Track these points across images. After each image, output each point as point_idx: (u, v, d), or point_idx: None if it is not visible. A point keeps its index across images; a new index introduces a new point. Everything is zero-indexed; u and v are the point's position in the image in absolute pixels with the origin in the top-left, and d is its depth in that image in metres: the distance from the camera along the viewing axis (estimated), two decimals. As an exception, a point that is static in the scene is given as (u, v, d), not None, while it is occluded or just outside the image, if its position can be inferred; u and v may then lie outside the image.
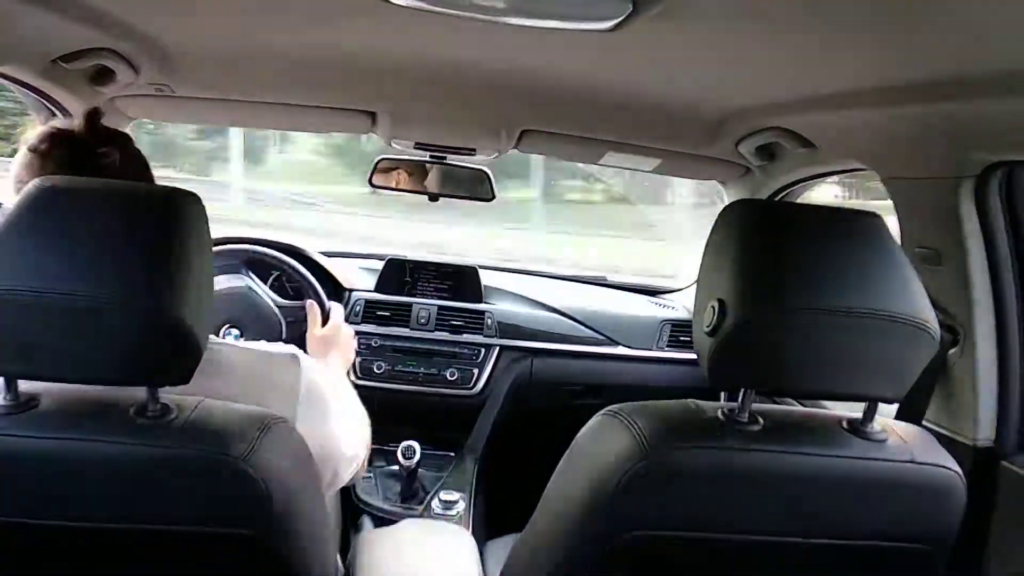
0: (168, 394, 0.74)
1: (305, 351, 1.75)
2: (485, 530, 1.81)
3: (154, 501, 0.72)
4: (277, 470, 0.75)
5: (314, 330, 1.44)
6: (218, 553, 0.75)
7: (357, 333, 2.08)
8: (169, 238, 0.71)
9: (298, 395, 0.90)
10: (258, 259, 1.97)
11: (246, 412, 0.77)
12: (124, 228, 0.69)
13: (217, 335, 1.68)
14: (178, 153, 4.81)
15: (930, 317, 0.79)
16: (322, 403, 0.95)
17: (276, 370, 0.91)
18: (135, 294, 0.67)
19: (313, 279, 1.91)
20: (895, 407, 1.17)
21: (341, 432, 0.98)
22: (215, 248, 1.90)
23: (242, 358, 0.91)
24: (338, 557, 0.97)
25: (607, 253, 4.41)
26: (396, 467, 1.87)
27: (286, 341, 1.72)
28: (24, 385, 0.73)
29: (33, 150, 0.87)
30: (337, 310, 1.50)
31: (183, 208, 0.73)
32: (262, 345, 0.96)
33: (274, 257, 1.93)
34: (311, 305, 1.50)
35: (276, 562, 0.78)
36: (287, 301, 1.94)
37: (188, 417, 0.74)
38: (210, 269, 0.77)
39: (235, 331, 1.73)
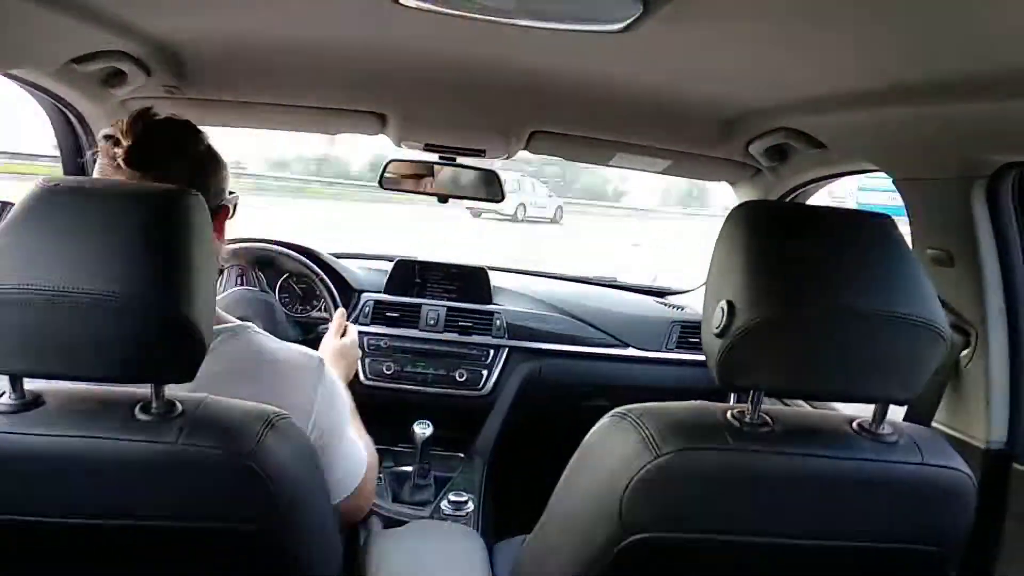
0: (172, 391, 0.74)
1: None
2: (494, 531, 1.81)
3: (159, 498, 0.73)
4: (281, 466, 0.75)
5: (333, 339, 1.45)
6: (223, 549, 0.76)
7: (366, 334, 2.10)
8: (172, 236, 0.71)
9: (317, 390, 0.95)
10: (269, 258, 1.98)
11: (250, 408, 0.78)
12: (127, 227, 0.70)
13: None
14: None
15: (941, 318, 0.79)
16: (334, 402, 0.99)
17: (301, 362, 0.96)
18: (139, 292, 0.68)
19: (326, 278, 1.91)
20: (905, 409, 1.17)
21: (341, 440, 1.02)
22: (228, 247, 1.93)
23: (274, 345, 0.96)
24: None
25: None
26: (407, 467, 1.88)
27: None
28: (29, 384, 0.73)
29: None
30: (352, 329, 1.52)
31: (185, 206, 0.74)
32: (295, 345, 1.01)
33: (285, 257, 1.94)
34: (340, 313, 1.52)
35: (281, 557, 0.78)
36: (299, 315, 1.96)
37: (193, 414, 0.74)
38: (213, 266, 0.78)
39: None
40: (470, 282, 2.23)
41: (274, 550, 0.77)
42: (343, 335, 1.46)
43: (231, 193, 1.04)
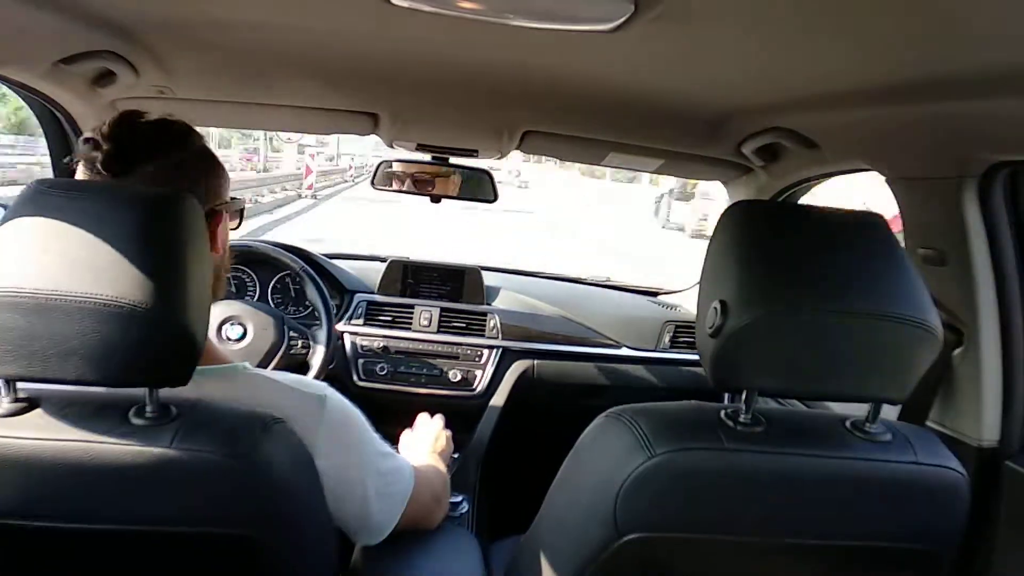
0: (167, 395, 0.74)
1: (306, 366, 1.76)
2: (489, 532, 1.81)
3: (154, 502, 0.72)
4: (276, 470, 0.75)
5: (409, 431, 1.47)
6: (218, 554, 0.75)
7: (359, 335, 2.09)
8: (167, 239, 0.71)
9: (318, 432, 0.86)
10: (263, 259, 1.97)
11: (245, 413, 0.77)
12: (123, 230, 0.69)
13: (219, 331, 1.70)
14: None
15: (933, 317, 0.79)
16: (345, 439, 0.92)
17: (298, 406, 0.87)
18: (130, 295, 0.67)
19: (319, 279, 1.91)
20: (898, 408, 1.17)
21: (364, 476, 0.94)
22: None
23: (269, 388, 0.89)
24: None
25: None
26: None
27: (286, 350, 1.73)
28: (23, 387, 0.73)
29: None
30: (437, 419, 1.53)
31: (181, 209, 0.73)
32: (295, 379, 0.92)
33: (278, 257, 1.94)
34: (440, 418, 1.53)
35: (276, 563, 0.77)
36: (292, 316, 1.95)
37: (188, 418, 0.74)
38: (208, 269, 0.77)
39: (239, 329, 1.73)
40: (463, 283, 2.23)
41: (269, 555, 0.76)
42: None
43: (233, 199, 1.00)
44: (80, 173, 0.87)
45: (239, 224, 1.04)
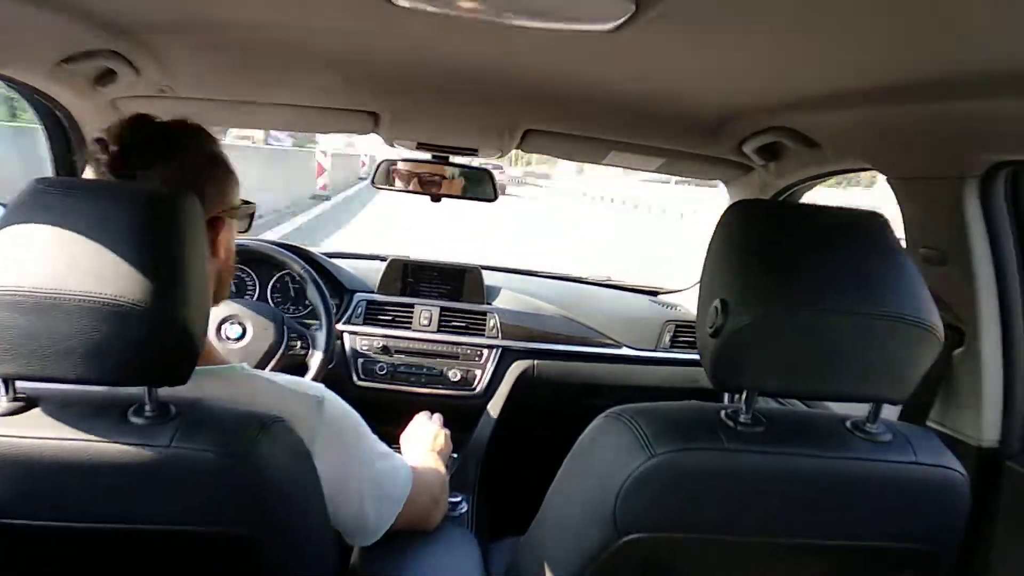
0: (167, 394, 0.74)
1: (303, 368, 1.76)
2: (488, 531, 1.81)
3: (152, 501, 0.72)
4: (275, 470, 0.75)
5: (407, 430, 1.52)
6: (216, 553, 0.75)
7: (359, 335, 2.09)
8: (167, 238, 0.71)
9: (316, 434, 0.87)
10: (263, 258, 1.97)
11: (244, 412, 0.77)
12: (122, 228, 0.69)
13: (218, 330, 1.70)
14: None
15: (934, 318, 0.79)
16: (343, 441, 0.93)
17: (297, 408, 0.87)
18: (133, 294, 0.67)
19: (319, 279, 1.91)
20: (899, 408, 1.17)
21: (361, 478, 0.96)
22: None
23: (267, 390, 0.89)
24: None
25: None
26: None
27: (285, 350, 1.74)
28: (22, 386, 0.73)
29: None
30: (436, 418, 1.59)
31: (179, 208, 0.73)
32: (294, 380, 0.94)
33: (278, 256, 1.94)
34: (438, 418, 1.58)
35: (274, 562, 0.77)
36: (292, 315, 1.95)
37: (186, 417, 0.74)
38: (205, 269, 0.77)
39: (238, 328, 1.73)
40: (464, 282, 2.23)
41: (267, 554, 0.76)
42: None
43: (245, 203, 1.00)
44: (89, 172, 0.88)
45: (249, 227, 1.06)
